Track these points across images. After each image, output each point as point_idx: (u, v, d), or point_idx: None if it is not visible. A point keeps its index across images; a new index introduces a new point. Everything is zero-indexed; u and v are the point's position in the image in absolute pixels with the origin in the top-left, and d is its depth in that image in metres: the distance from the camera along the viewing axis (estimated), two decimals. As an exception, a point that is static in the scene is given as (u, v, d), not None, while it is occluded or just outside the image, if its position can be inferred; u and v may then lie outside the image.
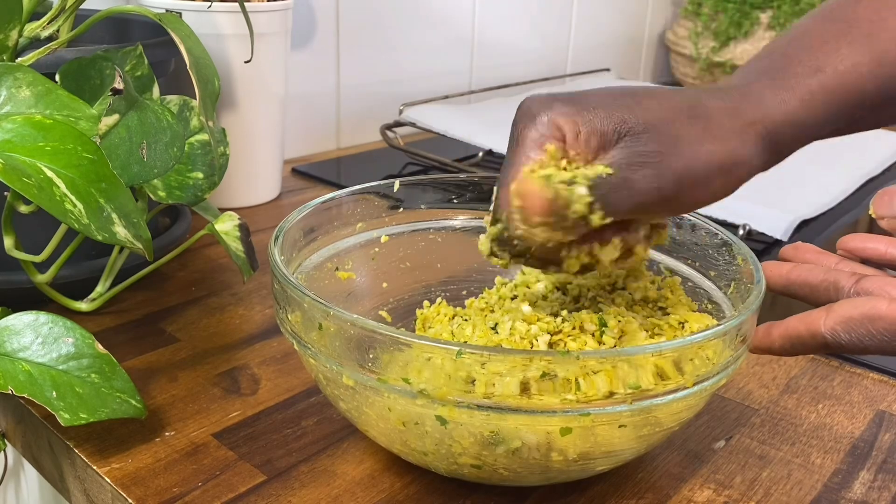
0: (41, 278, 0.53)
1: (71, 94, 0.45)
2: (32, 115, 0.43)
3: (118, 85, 0.47)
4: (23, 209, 0.48)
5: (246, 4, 0.68)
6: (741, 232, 0.75)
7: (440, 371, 0.35)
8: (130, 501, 0.41)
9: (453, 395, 0.35)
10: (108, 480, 0.42)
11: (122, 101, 0.47)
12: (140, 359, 0.53)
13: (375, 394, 0.37)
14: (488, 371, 0.35)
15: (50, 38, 0.52)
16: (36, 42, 0.51)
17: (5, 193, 0.50)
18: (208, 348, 0.55)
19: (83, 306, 0.57)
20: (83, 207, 0.41)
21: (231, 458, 0.44)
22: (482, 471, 0.39)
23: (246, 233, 0.54)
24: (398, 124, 0.97)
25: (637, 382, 0.36)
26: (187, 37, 0.53)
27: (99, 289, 0.57)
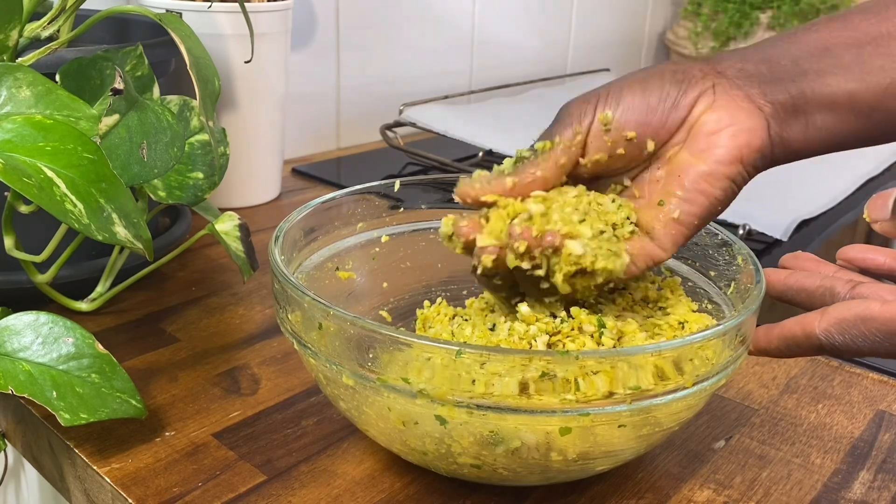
0: (41, 278, 0.53)
1: (71, 94, 0.45)
2: (33, 115, 0.43)
3: (118, 85, 0.47)
4: (23, 209, 0.48)
5: (246, 4, 0.69)
6: (741, 232, 0.75)
7: (440, 371, 0.35)
8: (130, 501, 0.41)
9: (453, 395, 0.35)
10: (108, 480, 0.42)
11: (123, 101, 0.47)
12: (140, 359, 0.53)
13: (375, 393, 0.37)
14: (488, 371, 0.35)
15: (50, 38, 0.52)
16: (36, 42, 0.51)
17: (5, 193, 0.50)
18: (208, 348, 0.55)
19: (83, 306, 0.57)
20: (83, 207, 0.41)
21: (231, 458, 0.44)
22: (482, 471, 0.39)
23: (246, 233, 0.54)
24: (398, 124, 0.97)
25: (637, 383, 0.36)
26: (187, 37, 0.53)
27: (99, 289, 0.57)
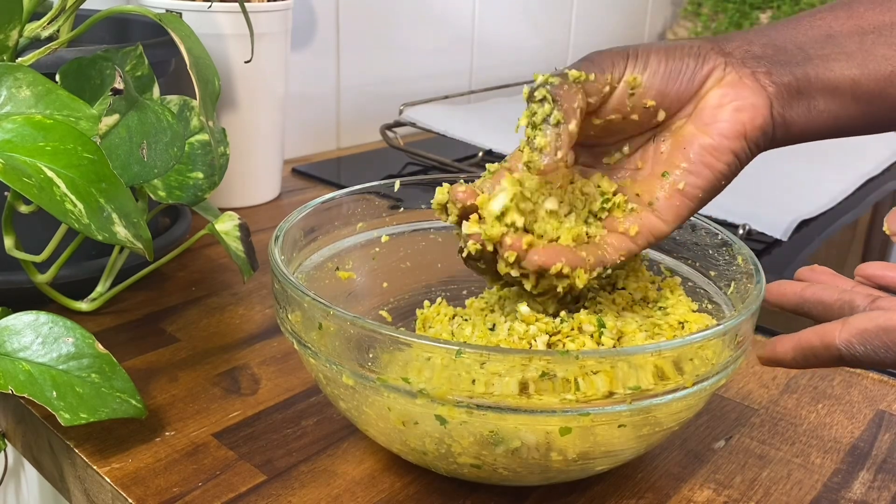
0: (41, 278, 0.53)
1: (71, 94, 0.45)
2: (33, 115, 0.43)
3: (118, 85, 0.47)
4: (23, 209, 0.48)
5: (246, 4, 0.69)
6: (741, 232, 0.75)
7: (440, 371, 0.35)
8: (130, 501, 0.41)
9: (453, 395, 0.35)
10: (108, 480, 0.42)
11: (123, 101, 0.47)
12: (140, 359, 0.53)
13: (375, 393, 0.37)
14: (488, 371, 0.35)
15: (50, 38, 0.52)
16: (36, 42, 0.51)
17: (5, 193, 0.50)
18: (208, 348, 0.55)
19: (83, 306, 0.57)
20: (83, 207, 0.41)
21: (231, 458, 0.44)
22: (482, 470, 0.39)
23: (246, 233, 0.54)
24: (398, 124, 0.97)
25: (637, 383, 0.36)
26: (187, 37, 0.53)
27: (99, 289, 0.57)
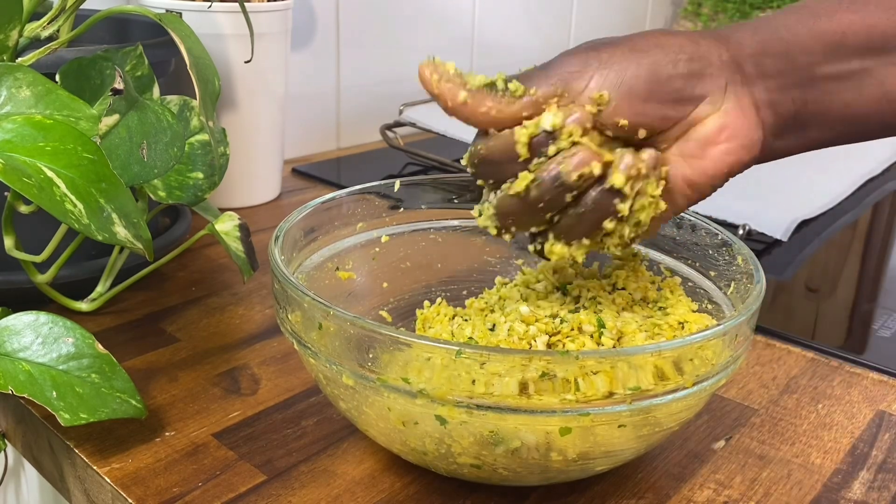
0: (41, 278, 0.53)
1: (71, 94, 0.45)
2: (32, 115, 0.43)
3: (118, 85, 0.47)
4: (23, 209, 0.48)
5: (246, 4, 0.69)
6: (741, 232, 0.75)
7: (440, 371, 0.35)
8: (130, 501, 0.41)
9: (453, 395, 0.35)
10: (108, 480, 0.42)
11: (123, 101, 0.47)
12: (140, 359, 0.53)
13: (375, 393, 0.37)
14: (487, 371, 0.35)
15: (50, 38, 0.52)
16: (36, 42, 0.51)
17: (5, 193, 0.50)
18: (208, 348, 0.55)
19: (83, 306, 0.57)
20: (83, 207, 0.41)
21: (231, 458, 0.44)
22: (482, 471, 0.39)
23: (246, 233, 0.54)
24: (398, 124, 0.97)
25: (637, 383, 0.36)
26: (187, 37, 0.53)
27: (99, 289, 0.57)
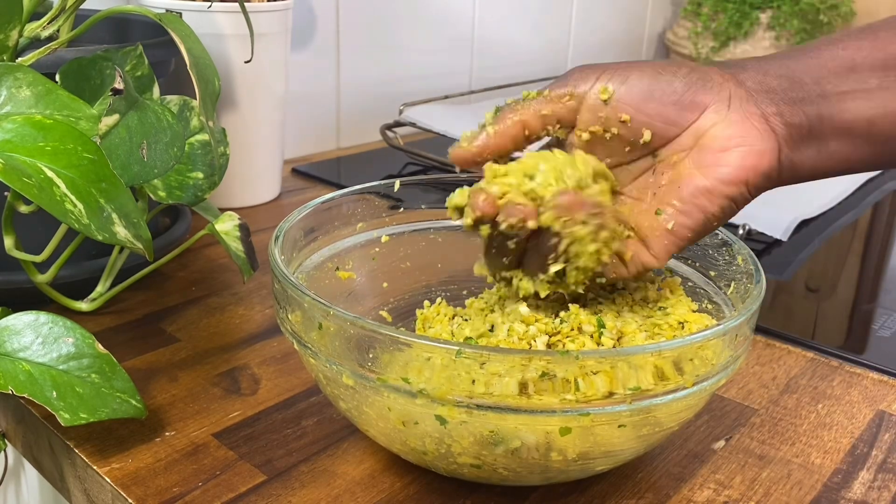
0: (41, 278, 0.53)
1: (71, 94, 0.45)
2: (32, 115, 0.43)
3: (118, 85, 0.47)
4: (23, 209, 0.48)
5: (246, 4, 0.68)
6: (741, 232, 0.75)
7: (440, 371, 0.35)
8: (130, 501, 0.41)
9: (453, 395, 0.35)
10: (108, 480, 0.42)
11: (122, 101, 0.47)
12: (140, 359, 0.53)
13: (375, 393, 0.37)
14: (487, 371, 0.35)
15: (50, 38, 0.52)
16: (36, 42, 0.51)
17: (5, 193, 0.50)
18: (208, 348, 0.55)
19: (83, 306, 0.57)
20: (83, 207, 0.41)
21: (231, 458, 0.44)
22: (482, 470, 0.39)
23: (246, 233, 0.54)
24: (398, 124, 0.97)
25: (637, 383, 0.36)
26: (187, 37, 0.53)
27: (99, 289, 0.57)
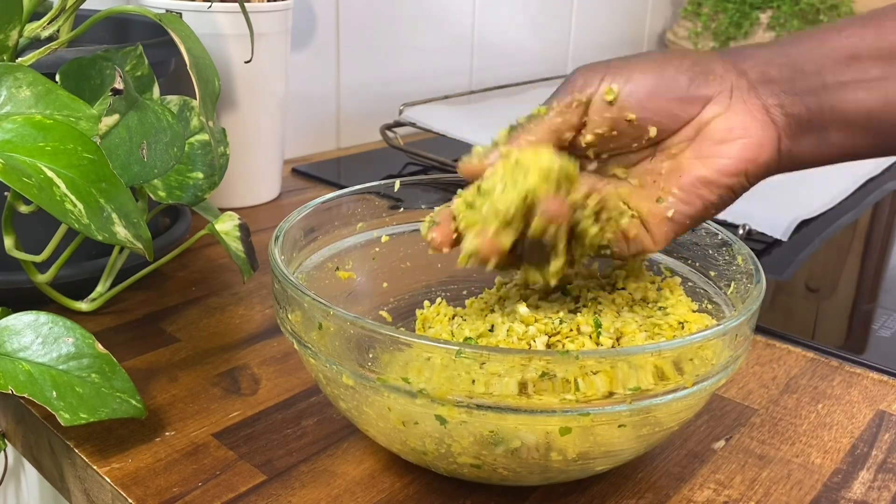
0: (41, 278, 0.53)
1: (71, 94, 0.45)
2: (32, 115, 0.43)
3: (118, 85, 0.47)
4: (23, 209, 0.48)
5: (246, 4, 0.69)
6: (741, 232, 0.75)
7: (440, 371, 0.35)
8: (130, 501, 0.41)
9: (453, 395, 0.35)
10: (108, 480, 0.42)
11: (122, 101, 0.47)
12: (140, 359, 0.53)
13: (375, 393, 0.37)
14: (487, 371, 0.35)
15: (50, 38, 0.52)
16: (36, 42, 0.51)
17: (5, 193, 0.50)
18: (208, 348, 0.55)
19: (83, 306, 0.57)
20: (83, 207, 0.41)
21: (231, 458, 0.44)
22: (482, 470, 0.39)
23: (246, 233, 0.54)
24: (398, 124, 0.97)
25: (637, 383, 0.36)
26: (187, 37, 0.53)
27: (99, 289, 0.57)
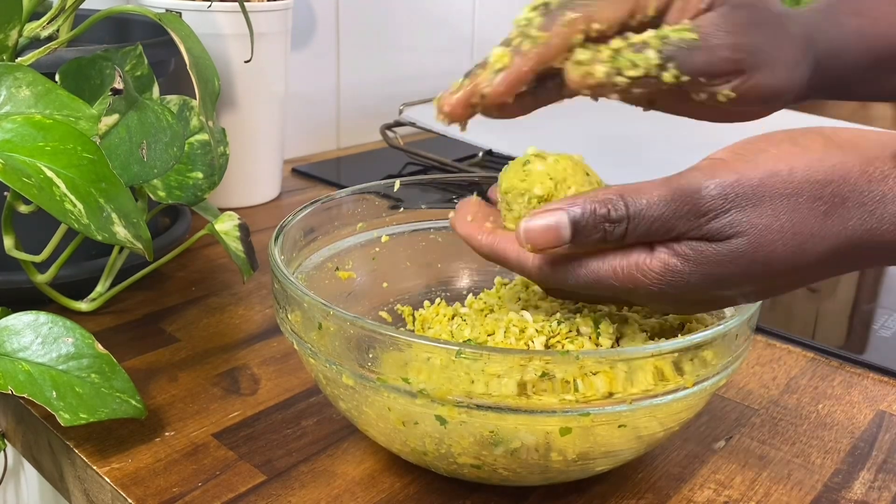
0: (41, 278, 0.53)
1: (71, 94, 0.45)
2: (32, 115, 0.43)
3: (118, 85, 0.47)
4: (23, 209, 0.48)
5: (246, 4, 0.69)
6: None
7: (440, 371, 0.35)
8: (130, 501, 0.41)
9: (452, 395, 0.35)
10: (108, 480, 0.42)
11: (122, 101, 0.47)
12: (140, 359, 0.53)
13: (375, 393, 0.37)
14: (487, 371, 0.35)
15: (50, 38, 0.52)
16: (36, 42, 0.51)
17: (5, 193, 0.50)
18: (208, 348, 0.55)
19: (83, 306, 0.57)
20: (83, 207, 0.41)
21: (231, 458, 0.44)
22: (482, 471, 0.39)
23: (246, 233, 0.54)
24: (398, 124, 0.97)
25: (637, 384, 0.36)
26: (187, 37, 0.53)
27: (99, 289, 0.57)
